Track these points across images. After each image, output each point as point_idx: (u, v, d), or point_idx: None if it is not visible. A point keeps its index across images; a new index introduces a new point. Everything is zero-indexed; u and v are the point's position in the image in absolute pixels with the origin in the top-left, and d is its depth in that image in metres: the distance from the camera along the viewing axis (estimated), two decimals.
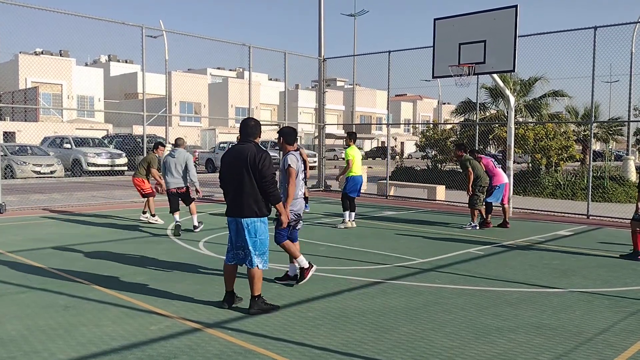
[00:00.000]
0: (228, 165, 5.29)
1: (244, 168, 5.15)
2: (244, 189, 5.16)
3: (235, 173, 5.21)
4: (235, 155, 5.26)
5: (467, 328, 4.94)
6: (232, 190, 5.25)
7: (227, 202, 5.34)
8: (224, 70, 69.47)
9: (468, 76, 12.36)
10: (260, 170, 5.12)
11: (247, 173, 5.15)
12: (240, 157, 5.19)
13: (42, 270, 6.86)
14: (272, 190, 5.19)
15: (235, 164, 5.21)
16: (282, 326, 4.92)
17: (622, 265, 7.66)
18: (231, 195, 5.27)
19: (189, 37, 16.52)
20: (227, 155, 5.36)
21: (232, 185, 5.25)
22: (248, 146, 5.26)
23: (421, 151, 24.94)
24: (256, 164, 5.13)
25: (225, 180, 5.32)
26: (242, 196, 5.17)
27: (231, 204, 5.28)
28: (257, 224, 5.22)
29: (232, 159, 5.27)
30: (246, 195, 5.16)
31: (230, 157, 5.31)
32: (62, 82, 45.95)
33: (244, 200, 5.17)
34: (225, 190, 5.33)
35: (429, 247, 8.81)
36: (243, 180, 5.16)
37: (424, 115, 77.87)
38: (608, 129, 26.66)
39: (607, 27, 12.43)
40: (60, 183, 20.50)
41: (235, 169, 5.21)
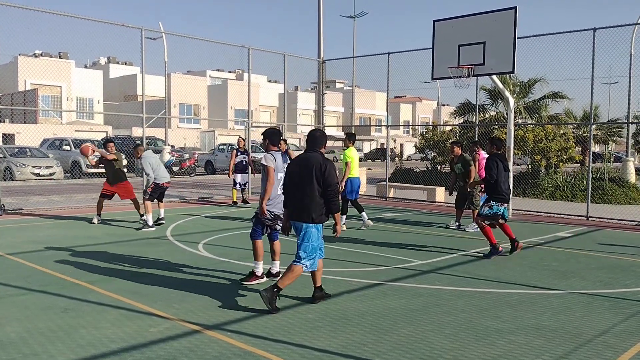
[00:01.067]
0: (294, 173, 5.59)
1: (309, 176, 5.45)
2: (307, 196, 5.46)
3: (300, 180, 5.50)
4: (302, 163, 5.56)
5: (467, 330, 4.94)
6: (295, 196, 5.54)
7: (292, 206, 5.61)
8: (224, 72, 69.49)
9: (467, 78, 12.37)
10: (326, 179, 5.43)
11: (312, 181, 5.44)
12: (307, 165, 5.49)
13: (42, 272, 6.85)
14: (334, 199, 5.49)
15: (302, 172, 5.51)
16: (282, 328, 4.92)
17: (622, 267, 7.66)
18: (293, 201, 5.57)
19: (189, 39, 16.52)
20: (294, 163, 5.66)
21: (296, 191, 5.54)
22: (315, 155, 5.57)
23: (420, 153, 24.96)
24: (322, 172, 5.43)
25: (290, 186, 5.61)
26: (303, 202, 5.48)
27: (295, 208, 5.57)
28: (311, 229, 5.49)
29: (298, 167, 5.57)
30: (308, 201, 5.45)
31: (296, 165, 5.61)
32: (62, 84, 45.98)
33: (305, 206, 5.47)
34: (287, 195, 5.65)
35: (428, 249, 8.80)
36: (307, 187, 5.46)
37: (424, 117, 77.94)
38: (607, 130, 26.67)
39: (607, 29, 12.44)
40: (59, 185, 20.49)
41: (301, 176, 5.51)
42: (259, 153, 30.51)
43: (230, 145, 29.77)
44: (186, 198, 16.05)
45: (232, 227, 10.74)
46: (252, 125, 17.56)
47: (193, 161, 28.46)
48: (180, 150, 30.91)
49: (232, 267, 7.33)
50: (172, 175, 26.01)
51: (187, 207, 14.13)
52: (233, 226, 10.91)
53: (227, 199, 15.99)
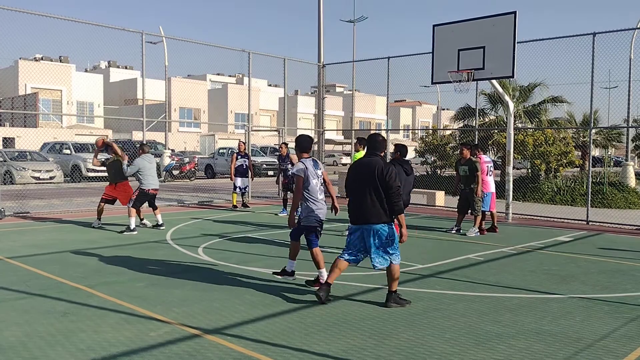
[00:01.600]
0: (356, 177, 5.75)
1: (372, 179, 5.59)
2: (372, 199, 5.59)
3: (363, 184, 5.63)
4: (363, 167, 5.70)
5: (467, 334, 4.93)
6: (358, 200, 5.67)
7: (352, 210, 5.74)
8: (224, 76, 69.57)
9: (467, 82, 12.38)
10: (387, 182, 5.55)
11: (374, 184, 5.58)
12: (369, 169, 5.63)
13: (41, 276, 6.85)
14: (397, 200, 5.60)
15: (364, 176, 5.65)
16: (282, 332, 4.92)
17: (622, 271, 7.65)
18: (357, 204, 5.68)
19: (189, 43, 16.55)
20: (355, 167, 5.81)
21: (359, 194, 5.66)
22: (376, 159, 5.71)
23: (420, 157, 24.96)
24: (384, 175, 5.56)
25: (353, 189, 5.75)
26: (368, 205, 5.59)
27: (357, 212, 5.69)
28: (384, 229, 5.63)
29: (360, 171, 5.72)
30: (372, 204, 5.59)
31: (358, 168, 5.77)
32: (62, 87, 46.01)
33: (371, 209, 5.59)
34: (351, 198, 5.77)
35: (428, 253, 8.80)
36: (371, 190, 5.59)
37: (423, 121, 77.98)
38: (607, 134, 26.69)
39: (606, 34, 12.46)
40: (59, 189, 20.49)
41: (363, 179, 5.65)
42: (259, 157, 30.58)
43: (230, 149, 29.79)
44: (185, 202, 16.05)
45: (232, 231, 10.74)
46: (252, 129, 17.57)
47: (193, 165, 28.48)
48: (180, 154, 30.93)
49: (232, 271, 7.33)
50: (172, 180, 26.17)
51: (187, 211, 14.12)
52: (233, 230, 10.91)
53: (227, 202, 15.99)
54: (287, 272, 6.53)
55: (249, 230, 10.88)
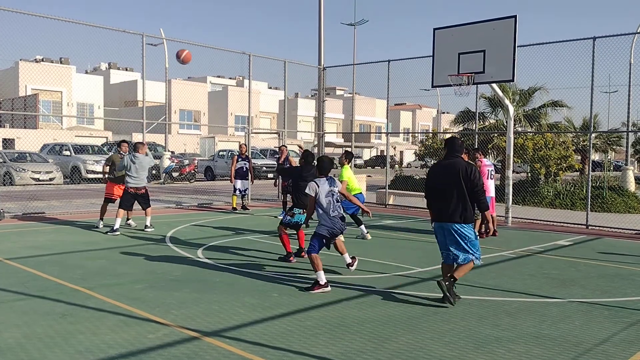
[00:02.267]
0: (439, 177, 5.98)
1: (456, 179, 5.82)
2: (456, 198, 5.82)
3: (447, 184, 5.86)
4: (447, 168, 5.95)
5: (466, 338, 4.93)
6: (442, 200, 5.90)
7: (435, 210, 6.00)
8: (224, 79, 69.65)
9: (467, 86, 12.39)
10: (472, 181, 5.81)
11: (459, 184, 5.81)
12: (452, 169, 5.88)
13: (40, 278, 6.84)
14: (482, 198, 5.88)
15: (448, 176, 5.88)
16: (281, 335, 4.91)
17: (622, 276, 7.65)
18: (441, 204, 5.92)
19: (190, 45, 16.56)
20: (437, 168, 6.08)
21: (443, 195, 5.89)
22: (458, 160, 5.97)
23: (420, 160, 25.00)
24: (468, 175, 5.82)
25: (436, 190, 5.98)
26: (452, 204, 5.83)
27: (440, 212, 5.93)
28: (465, 228, 5.88)
29: (443, 171, 5.97)
30: (456, 203, 5.82)
31: (440, 169, 6.03)
32: (62, 89, 46.06)
33: (455, 208, 5.83)
34: (433, 199, 6.01)
35: (428, 256, 8.79)
36: (455, 190, 5.82)
37: (423, 125, 78.06)
38: (607, 139, 26.71)
39: (606, 38, 12.48)
40: (59, 190, 20.48)
41: (447, 180, 5.88)
42: (259, 159, 30.58)
43: (230, 152, 29.79)
44: (184, 204, 16.03)
45: (232, 234, 10.73)
46: (252, 132, 17.58)
47: (193, 167, 28.46)
48: (180, 156, 30.92)
49: (232, 273, 7.32)
50: (172, 181, 26.15)
51: (187, 213, 14.12)
52: (232, 232, 10.90)
53: (227, 205, 15.99)
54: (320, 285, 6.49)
55: (249, 233, 10.87)
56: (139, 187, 10.73)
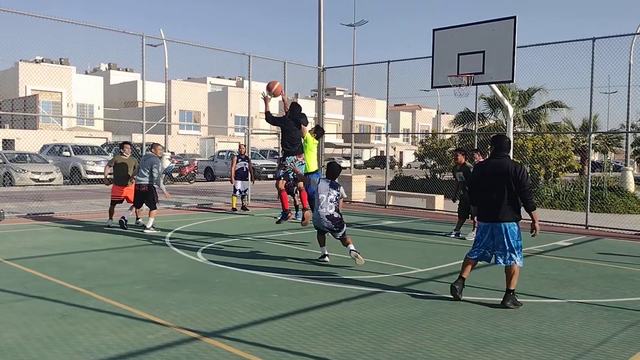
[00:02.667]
0: (488, 176, 6.00)
1: (505, 178, 5.86)
2: (505, 197, 5.87)
3: (497, 183, 5.91)
4: (495, 167, 5.97)
5: (466, 338, 4.93)
6: (492, 199, 5.93)
7: (483, 210, 6.05)
8: (224, 79, 69.62)
9: (467, 86, 12.38)
10: (520, 181, 5.85)
11: (507, 183, 5.86)
12: (501, 169, 5.91)
13: (40, 278, 6.84)
14: (530, 198, 5.93)
15: (497, 176, 5.92)
16: (280, 335, 4.91)
17: (621, 276, 7.65)
18: (490, 203, 5.95)
19: (189, 45, 16.57)
20: (485, 167, 6.10)
21: (492, 193, 5.94)
22: (506, 160, 6.02)
23: (420, 161, 25.00)
24: (517, 175, 5.85)
25: (484, 189, 6.02)
26: (502, 203, 5.88)
27: (488, 211, 5.98)
28: (514, 227, 5.95)
29: (492, 171, 5.98)
30: (506, 202, 5.88)
31: (488, 169, 6.04)
32: (62, 90, 46.07)
33: (504, 207, 5.89)
34: (482, 198, 6.05)
35: (427, 257, 8.80)
36: (504, 190, 5.87)
37: (423, 125, 78.06)
38: (607, 139, 26.73)
39: (606, 39, 12.48)
40: (59, 191, 20.48)
41: (496, 179, 5.92)
42: (259, 160, 30.57)
43: (230, 152, 29.79)
44: (184, 204, 16.03)
45: (232, 234, 10.73)
46: (252, 132, 17.58)
47: (193, 168, 28.47)
48: (180, 157, 30.92)
49: (231, 274, 7.32)
50: (172, 182, 26.15)
51: (187, 214, 14.12)
52: (232, 233, 10.90)
53: (227, 205, 15.99)
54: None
55: (249, 234, 10.87)
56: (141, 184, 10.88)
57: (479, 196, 6.13)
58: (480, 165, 6.29)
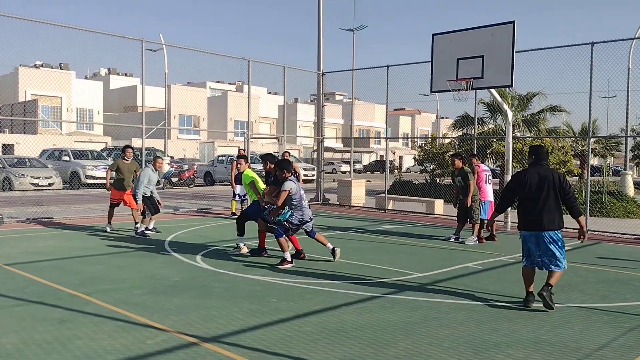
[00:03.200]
0: (534, 186, 6.03)
1: (552, 187, 5.98)
2: (553, 206, 5.99)
3: (546, 192, 5.99)
4: (541, 177, 6.05)
5: (466, 343, 4.92)
6: (539, 208, 5.99)
7: (530, 218, 6.05)
8: (224, 84, 69.75)
9: (466, 91, 12.41)
10: (565, 189, 6.00)
11: (554, 192, 5.99)
12: (547, 178, 6.02)
13: (39, 283, 6.83)
14: (576, 204, 6.07)
15: (543, 184, 6.00)
16: (280, 341, 4.90)
17: (621, 281, 7.64)
18: (538, 211, 5.99)
19: (189, 50, 16.60)
20: (532, 177, 6.07)
21: (535, 203, 6.01)
22: (548, 168, 6.17)
23: (420, 165, 24.98)
24: (561, 183, 6.00)
25: (533, 199, 6.04)
26: (550, 212, 5.98)
27: (536, 219, 6.01)
28: (559, 234, 6.06)
29: (538, 181, 6.03)
30: (553, 211, 5.99)
31: (537, 178, 6.06)
32: (62, 94, 46.10)
33: (552, 215, 5.98)
34: (529, 208, 6.04)
35: (427, 261, 8.79)
36: (552, 198, 5.99)
37: (423, 130, 78.11)
38: (606, 144, 26.75)
39: (605, 43, 12.51)
40: (58, 195, 20.47)
41: (543, 188, 6.00)
42: (258, 164, 30.59)
43: (229, 157, 29.80)
44: (183, 209, 16.02)
45: (231, 239, 10.71)
46: (251, 137, 17.59)
47: (192, 172, 28.46)
48: (179, 162, 30.91)
49: (231, 278, 7.31)
50: (171, 187, 26.15)
51: (186, 219, 14.10)
52: (232, 237, 10.88)
53: (226, 210, 15.98)
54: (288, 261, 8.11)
55: (248, 238, 10.85)
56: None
57: (527, 206, 6.08)
58: (520, 174, 6.22)
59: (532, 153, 6.28)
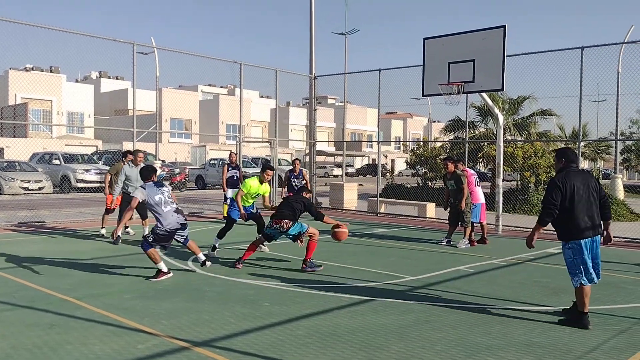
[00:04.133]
0: (580, 190, 5.73)
1: (593, 190, 5.81)
2: (598, 209, 5.81)
3: (592, 196, 5.78)
4: (583, 181, 5.79)
5: (457, 346, 4.92)
6: (588, 212, 5.71)
7: (582, 225, 5.66)
8: (215, 87, 69.60)
9: (457, 95, 12.48)
10: (601, 190, 5.86)
11: (595, 194, 5.81)
12: (589, 182, 5.81)
13: (29, 288, 6.77)
14: (609, 206, 5.97)
15: (589, 188, 5.78)
16: (272, 344, 4.88)
17: (611, 284, 7.68)
18: (589, 218, 5.72)
19: (181, 54, 16.56)
20: (576, 180, 5.74)
21: (586, 207, 5.72)
22: (585, 171, 6.03)
23: (411, 169, 25.06)
24: (597, 184, 5.86)
25: (582, 204, 5.69)
26: (597, 216, 5.79)
27: (589, 226, 5.71)
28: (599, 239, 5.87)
29: (584, 183, 5.78)
30: (598, 215, 5.80)
31: (581, 181, 5.77)
32: (52, 98, 45.81)
33: (599, 220, 5.81)
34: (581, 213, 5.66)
35: (419, 265, 8.80)
36: (594, 201, 5.79)
37: (414, 133, 78.33)
38: (596, 147, 26.94)
39: (594, 47, 12.62)
40: (48, 199, 20.33)
41: (590, 191, 5.78)
42: (250, 168, 30.54)
43: (221, 160, 29.73)
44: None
45: (222, 243, 10.67)
46: (243, 141, 17.56)
47: (184, 176, 28.35)
48: (170, 165, 30.79)
49: (222, 282, 7.28)
50: None
51: None
52: (223, 241, 10.83)
53: (218, 214, 15.93)
54: None
55: (239, 242, 10.83)
56: None
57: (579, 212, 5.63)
58: (565, 179, 5.69)
59: (562, 156, 5.94)
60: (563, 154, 5.99)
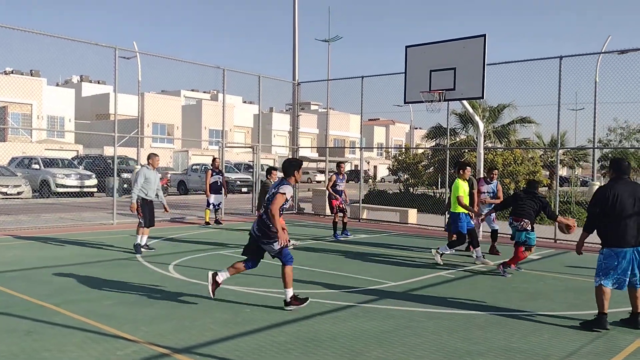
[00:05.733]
0: (628, 201, 5.80)
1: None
2: None
3: (633, 206, 5.80)
4: (631, 190, 5.86)
5: (438, 352, 4.96)
6: (630, 222, 5.78)
7: (625, 235, 5.77)
8: (198, 92, 69.28)
9: (439, 102, 12.60)
10: None
11: None
12: (636, 192, 5.83)
13: (6, 294, 6.67)
14: None
15: (633, 198, 5.81)
16: (253, 351, 4.87)
17: (589, 289, 7.78)
18: (631, 226, 5.78)
19: (163, 59, 16.50)
20: (624, 192, 5.82)
21: (634, 217, 5.78)
22: (633, 182, 6.04)
23: (394, 175, 25.21)
24: None
25: (629, 214, 5.80)
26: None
27: (632, 234, 5.78)
28: None
29: (628, 194, 5.83)
30: None
31: (629, 193, 5.84)
32: (32, 102, 45.20)
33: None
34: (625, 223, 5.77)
35: (400, 271, 8.85)
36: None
37: (397, 140, 78.76)
38: (574, 155, 27.35)
39: (572, 57, 12.85)
40: (27, 204, 20.03)
41: (634, 203, 5.81)
42: (233, 174, 30.45)
43: (203, 166, 29.59)
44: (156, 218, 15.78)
45: (204, 249, 10.63)
46: (226, 146, 17.51)
47: (165, 181, 28.14)
48: None
49: (203, 289, 7.23)
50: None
51: (159, 228, 13.92)
52: (205, 247, 10.80)
53: (200, 219, 15.84)
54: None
55: (221, 248, 10.80)
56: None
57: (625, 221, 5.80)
58: (613, 189, 5.86)
59: (615, 166, 6.02)
60: (616, 165, 6.07)
